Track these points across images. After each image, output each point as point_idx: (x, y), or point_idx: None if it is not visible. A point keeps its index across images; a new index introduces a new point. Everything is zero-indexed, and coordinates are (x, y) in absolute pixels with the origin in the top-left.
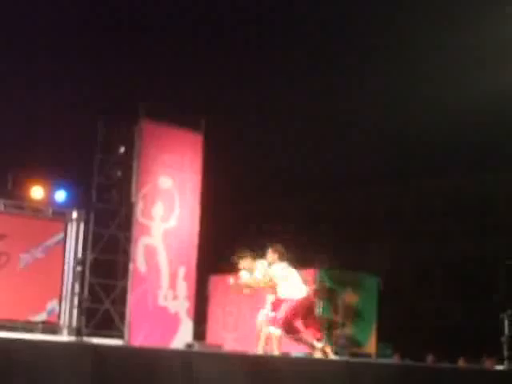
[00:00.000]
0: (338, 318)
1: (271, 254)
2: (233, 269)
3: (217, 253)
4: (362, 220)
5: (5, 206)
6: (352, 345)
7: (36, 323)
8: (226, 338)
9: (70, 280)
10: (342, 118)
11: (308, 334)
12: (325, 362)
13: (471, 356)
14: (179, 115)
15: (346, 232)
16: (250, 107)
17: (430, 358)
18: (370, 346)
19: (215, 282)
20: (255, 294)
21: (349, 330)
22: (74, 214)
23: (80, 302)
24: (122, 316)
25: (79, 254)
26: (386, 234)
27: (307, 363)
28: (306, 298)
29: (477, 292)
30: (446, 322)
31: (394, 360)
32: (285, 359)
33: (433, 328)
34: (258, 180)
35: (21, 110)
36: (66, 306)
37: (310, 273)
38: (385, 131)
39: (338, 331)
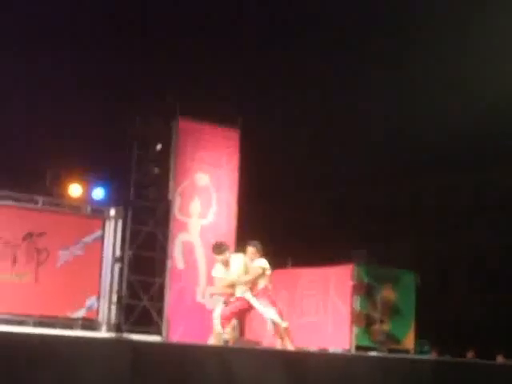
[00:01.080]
0: (376, 314)
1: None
2: (272, 265)
3: None
4: (390, 215)
5: (43, 203)
6: (390, 341)
7: (75, 319)
8: (265, 334)
9: (109, 277)
10: (369, 117)
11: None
12: (362, 358)
13: (509, 352)
14: (216, 112)
15: (374, 227)
16: (287, 104)
17: (469, 354)
18: (408, 342)
19: None
20: (294, 291)
21: (387, 326)
22: (112, 212)
23: (119, 299)
24: (160, 313)
25: (117, 251)
26: (413, 229)
27: (344, 359)
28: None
29: None
30: (484, 317)
31: (432, 356)
32: (322, 355)
33: (470, 323)
34: (293, 177)
35: (59, 108)
36: (104, 302)
37: (348, 269)
38: (409, 128)
39: (376, 327)
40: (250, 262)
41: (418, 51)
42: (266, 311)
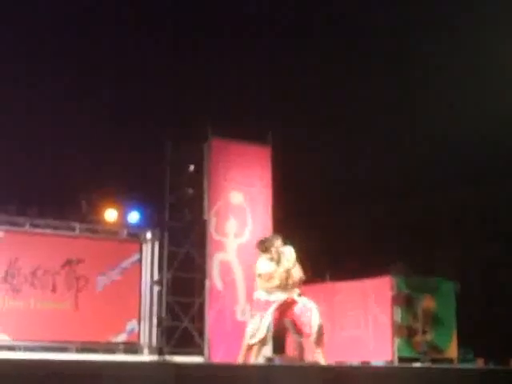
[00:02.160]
0: (418, 325)
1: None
2: (309, 280)
3: None
4: (428, 225)
5: (80, 230)
6: (433, 351)
7: (117, 344)
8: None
9: (148, 300)
10: (405, 129)
11: None
12: (406, 370)
13: None
14: (246, 130)
15: (413, 238)
16: (315, 118)
17: None
18: (452, 351)
19: None
20: (333, 305)
21: (429, 336)
22: (149, 235)
23: (159, 321)
24: (201, 333)
25: (155, 274)
26: (452, 238)
27: (388, 371)
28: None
29: None
30: None
31: (477, 364)
32: (364, 368)
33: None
34: (330, 190)
35: (90, 135)
36: (145, 325)
37: (386, 280)
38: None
39: (418, 338)
40: None
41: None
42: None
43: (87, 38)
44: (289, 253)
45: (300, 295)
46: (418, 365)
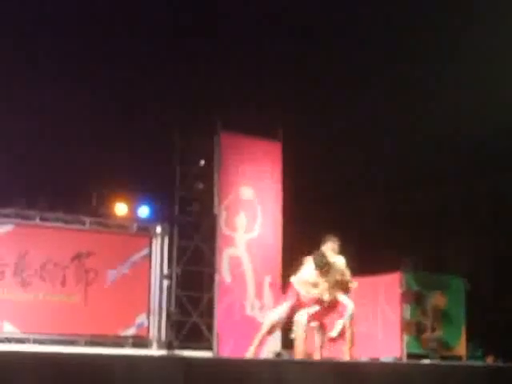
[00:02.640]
0: (427, 321)
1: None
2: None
3: (300, 260)
4: (439, 220)
5: (90, 224)
6: (442, 348)
7: (126, 338)
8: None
9: (157, 294)
10: (415, 118)
11: None
12: (415, 367)
13: None
14: (257, 125)
15: (424, 233)
16: (326, 111)
17: None
18: (461, 348)
19: None
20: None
21: (438, 333)
22: (158, 229)
23: (168, 316)
24: (210, 328)
25: (165, 268)
26: (463, 233)
27: (396, 368)
28: None
29: None
30: None
31: (486, 362)
32: (374, 364)
33: None
34: (336, 185)
35: (100, 129)
36: (154, 319)
37: (396, 277)
38: (459, 129)
39: (427, 334)
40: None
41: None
42: None
43: (99, 27)
44: (339, 264)
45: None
46: (426, 361)
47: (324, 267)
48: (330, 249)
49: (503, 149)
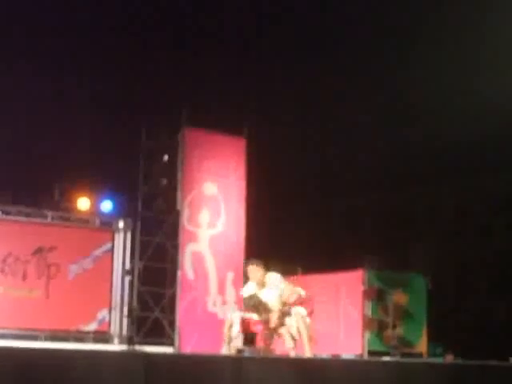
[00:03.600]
0: (388, 319)
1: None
2: (281, 273)
3: (265, 257)
4: (403, 220)
5: (52, 217)
6: (403, 345)
7: (87, 333)
8: (277, 341)
9: (119, 289)
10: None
11: None
12: (376, 364)
13: None
14: (222, 122)
15: (387, 233)
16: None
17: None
18: (421, 345)
19: None
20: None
21: (399, 331)
22: (121, 224)
23: (130, 311)
24: (172, 323)
25: (127, 263)
26: (427, 233)
27: (357, 365)
28: None
29: None
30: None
31: (446, 359)
32: (335, 361)
33: (482, 327)
34: (301, 184)
35: (63, 122)
36: (116, 315)
37: (358, 274)
38: (424, 131)
39: (388, 332)
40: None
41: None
42: None
43: (69, 25)
44: (272, 299)
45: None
46: (387, 359)
47: (259, 308)
48: (256, 283)
49: (465, 151)
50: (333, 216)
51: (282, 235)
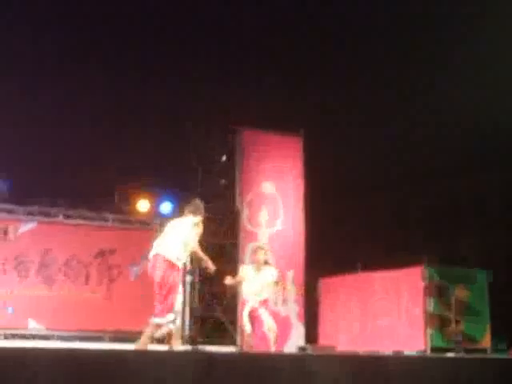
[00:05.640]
0: (451, 315)
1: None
2: (341, 270)
3: (325, 255)
4: (455, 214)
5: (113, 220)
6: (466, 341)
7: None
8: (339, 339)
9: (181, 289)
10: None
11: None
12: (439, 360)
13: None
14: (278, 122)
15: (447, 228)
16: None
17: None
18: (485, 340)
19: (325, 284)
20: (365, 295)
21: (462, 326)
22: None
23: (192, 311)
24: (234, 323)
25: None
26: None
27: (419, 361)
28: None
29: None
30: None
31: (511, 354)
32: (397, 358)
33: None
34: (358, 181)
35: (123, 128)
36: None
37: (419, 271)
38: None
39: (451, 328)
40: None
41: None
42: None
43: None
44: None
45: None
46: (450, 355)
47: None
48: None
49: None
50: (391, 212)
51: (342, 233)
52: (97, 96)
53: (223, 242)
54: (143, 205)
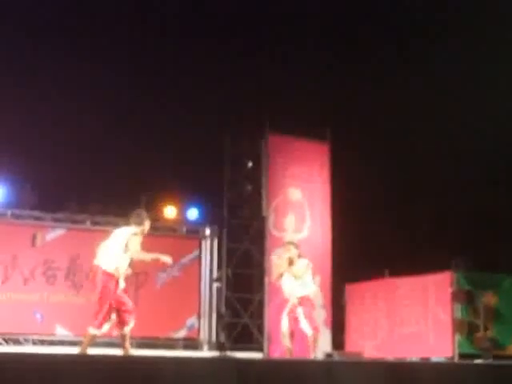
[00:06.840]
0: (479, 321)
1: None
2: (368, 276)
3: (351, 261)
4: (488, 220)
5: None
6: (495, 347)
7: (177, 340)
8: (365, 345)
9: (208, 296)
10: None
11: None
12: (467, 366)
13: None
14: (304, 126)
15: (475, 233)
16: (373, 113)
17: None
18: None
19: (351, 290)
20: (393, 300)
21: (490, 333)
22: (207, 231)
23: (219, 317)
24: (261, 329)
25: (214, 270)
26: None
27: (448, 368)
28: None
29: None
30: None
31: None
32: (425, 364)
33: None
34: (385, 186)
35: (149, 134)
36: (204, 321)
37: (446, 276)
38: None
39: (479, 334)
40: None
41: None
42: None
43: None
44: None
45: None
46: (479, 361)
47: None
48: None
49: None
50: (420, 217)
51: (369, 237)
52: (122, 102)
53: (250, 248)
54: (170, 211)
